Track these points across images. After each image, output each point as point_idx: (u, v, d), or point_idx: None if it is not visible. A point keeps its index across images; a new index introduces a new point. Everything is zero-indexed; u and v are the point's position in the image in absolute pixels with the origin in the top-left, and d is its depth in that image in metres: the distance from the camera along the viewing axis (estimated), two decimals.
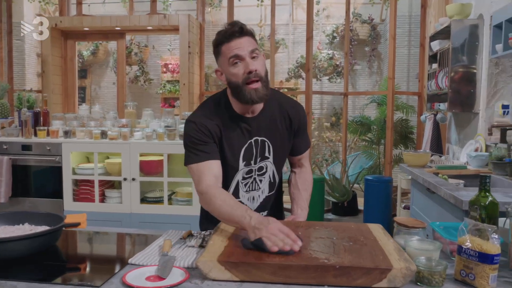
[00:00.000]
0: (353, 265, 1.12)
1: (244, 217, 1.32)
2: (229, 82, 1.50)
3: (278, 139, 1.63)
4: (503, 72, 3.54)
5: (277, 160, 1.66)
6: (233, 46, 1.44)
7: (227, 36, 1.46)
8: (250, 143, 1.59)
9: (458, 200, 2.24)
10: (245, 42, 1.45)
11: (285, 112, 1.64)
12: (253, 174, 1.64)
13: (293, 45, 7.22)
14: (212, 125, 1.53)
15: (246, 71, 1.44)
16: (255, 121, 1.58)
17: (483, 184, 1.24)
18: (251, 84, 1.45)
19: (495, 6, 3.44)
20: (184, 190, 3.57)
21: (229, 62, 1.46)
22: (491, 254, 1.11)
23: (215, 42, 1.50)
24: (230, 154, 1.57)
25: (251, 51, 1.45)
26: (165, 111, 3.75)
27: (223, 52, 1.48)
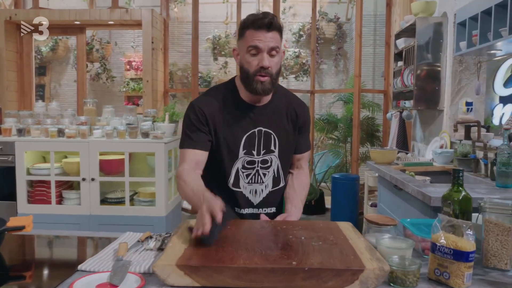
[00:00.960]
0: (323, 267, 1.04)
1: (200, 200, 1.32)
2: (241, 66, 1.53)
3: (283, 133, 1.63)
4: (467, 70, 3.58)
5: (283, 155, 1.65)
6: (256, 36, 1.45)
7: (256, 25, 1.46)
8: (253, 132, 1.58)
9: (426, 196, 2.22)
10: (270, 37, 1.46)
11: (292, 107, 1.66)
12: (256, 165, 1.61)
13: None
14: (211, 110, 1.55)
15: (260, 64, 1.47)
16: (261, 111, 1.59)
17: (456, 178, 1.19)
18: (259, 77, 1.48)
19: (459, 4, 3.47)
20: (147, 190, 3.43)
21: (248, 49, 1.48)
22: (467, 252, 1.05)
23: (243, 23, 1.50)
24: (230, 140, 1.57)
25: (271, 48, 1.47)
26: (127, 108, 3.60)
27: (246, 37, 1.48)
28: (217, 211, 1.19)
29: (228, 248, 1.18)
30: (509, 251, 1.20)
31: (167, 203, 3.30)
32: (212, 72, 6.95)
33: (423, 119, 4.21)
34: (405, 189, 2.58)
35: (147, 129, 3.27)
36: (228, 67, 6.94)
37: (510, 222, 1.19)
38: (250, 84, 1.50)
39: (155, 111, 3.63)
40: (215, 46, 6.67)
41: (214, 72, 6.95)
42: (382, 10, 6.26)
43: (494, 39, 2.74)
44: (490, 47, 2.91)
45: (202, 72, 6.67)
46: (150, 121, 3.43)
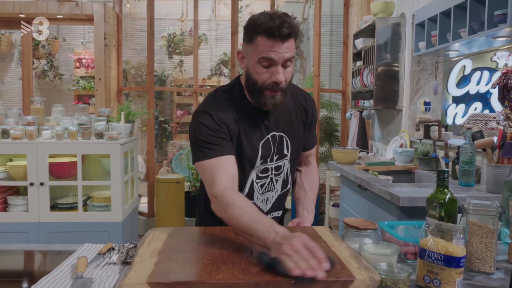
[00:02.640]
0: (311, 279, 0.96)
1: (269, 233, 1.07)
2: (248, 75, 1.34)
3: (295, 134, 1.50)
4: (425, 70, 3.65)
5: (294, 157, 1.53)
6: (271, 46, 1.25)
7: (270, 33, 1.24)
8: (267, 138, 1.43)
9: (394, 196, 2.20)
10: (286, 47, 1.26)
11: (300, 104, 1.52)
12: (270, 173, 1.48)
13: (216, 41, 7.03)
14: (229, 118, 1.35)
15: (272, 79, 1.28)
16: (273, 115, 1.42)
17: (441, 179, 1.15)
18: (269, 92, 1.31)
19: (417, 5, 3.52)
20: (101, 194, 3.23)
21: (259, 60, 1.27)
22: (458, 257, 1.01)
23: (253, 27, 1.27)
24: (248, 150, 1.40)
25: (286, 59, 1.28)
26: (78, 107, 3.37)
27: (257, 44, 1.27)
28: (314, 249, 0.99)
29: (204, 260, 1.08)
30: (493, 253, 1.17)
31: (123, 208, 3.12)
32: (167, 70, 6.75)
33: (381, 118, 4.26)
34: (370, 189, 2.56)
35: (101, 130, 3.08)
36: (184, 65, 6.77)
37: (493, 224, 1.17)
38: (258, 97, 1.33)
39: (109, 110, 3.43)
40: (170, 44, 6.48)
41: (169, 71, 6.76)
42: (338, 10, 6.32)
43: (453, 40, 2.78)
44: (448, 47, 2.95)
45: (156, 71, 6.46)
46: (104, 121, 3.23)
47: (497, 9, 2.32)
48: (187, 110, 6.86)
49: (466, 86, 4.18)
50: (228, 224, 1.25)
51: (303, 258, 0.97)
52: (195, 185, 4.69)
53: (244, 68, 1.37)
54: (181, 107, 6.88)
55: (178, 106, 6.88)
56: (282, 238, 1.04)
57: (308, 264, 0.95)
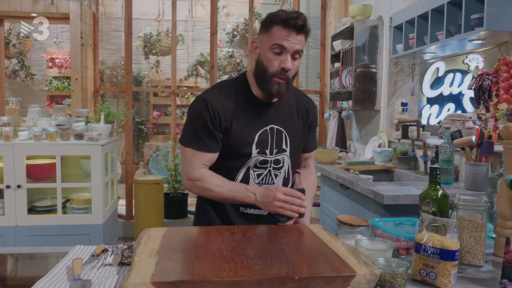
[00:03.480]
0: (313, 275, 0.98)
1: (249, 196, 1.41)
2: (259, 62, 1.45)
3: (294, 131, 1.57)
4: (402, 72, 3.73)
5: (293, 154, 1.59)
6: (285, 35, 1.37)
7: (287, 23, 1.37)
8: (265, 130, 1.50)
9: (378, 195, 2.25)
10: (298, 39, 1.39)
11: (302, 104, 1.61)
12: (269, 166, 1.53)
13: (193, 42, 6.99)
14: (224, 107, 1.46)
15: (281, 66, 1.40)
16: (273, 108, 1.52)
17: (434, 176, 1.18)
18: (277, 78, 1.42)
19: (394, 8, 3.60)
20: (81, 196, 3.17)
21: (272, 46, 1.39)
22: (452, 250, 1.04)
23: (272, 17, 1.40)
24: (242, 138, 1.48)
25: (296, 51, 1.40)
26: (55, 108, 3.30)
27: (273, 32, 1.39)
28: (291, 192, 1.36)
29: (204, 259, 1.08)
30: (482, 247, 1.21)
31: (104, 210, 3.07)
32: (143, 71, 6.67)
33: (359, 119, 4.33)
34: (353, 188, 2.61)
35: (81, 131, 3.02)
36: (160, 66, 6.70)
37: (482, 219, 1.21)
38: (266, 84, 1.43)
39: (87, 111, 3.37)
40: (146, 44, 6.41)
41: (145, 71, 6.68)
42: (314, 12, 6.40)
43: (431, 42, 2.86)
44: (424, 50, 3.04)
45: (133, 71, 6.36)
46: (83, 121, 3.18)
47: (473, 13, 2.40)
48: (164, 111, 6.79)
49: (439, 87, 4.31)
50: (210, 198, 1.50)
51: (291, 202, 1.35)
52: (174, 186, 4.65)
53: (255, 58, 1.47)
54: (158, 108, 6.81)
55: (155, 107, 6.80)
56: (263, 196, 1.38)
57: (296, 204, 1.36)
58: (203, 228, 1.40)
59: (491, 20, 2.28)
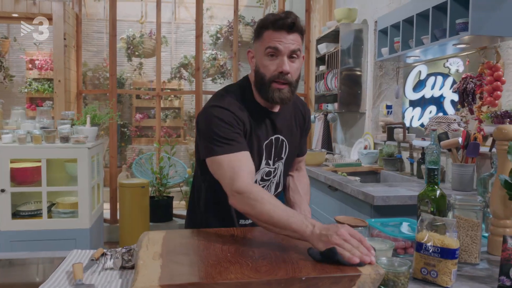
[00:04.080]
0: (321, 275, 0.99)
1: (306, 225, 1.12)
2: (257, 71, 1.37)
3: (293, 139, 1.53)
4: (386, 75, 3.80)
5: (288, 161, 1.55)
6: (276, 36, 1.30)
7: (276, 25, 1.30)
8: (271, 140, 1.45)
9: (368, 196, 2.28)
10: (291, 39, 1.31)
11: (299, 110, 1.57)
12: (271, 177, 1.49)
13: (176, 44, 6.96)
14: (244, 116, 1.36)
15: (279, 69, 1.32)
16: (276, 117, 1.45)
17: (432, 177, 1.21)
18: (277, 84, 1.33)
19: (379, 12, 3.66)
20: (66, 200, 3.12)
21: (266, 51, 1.32)
22: (453, 249, 1.07)
23: (261, 23, 1.35)
24: (255, 149, 1.40)
25: (292, 51, 1.32)
26: (40, 110, 3.24)
27: (264, 37, 1.33)
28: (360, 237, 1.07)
29: (209, 261, 1.08)
30: (478, 245, 1.25)
31: (91, 214, 3.03)
32: (126, 73, 6.60)
33: (344, 121, 4.38)
34: (343, 189, 2.64)
35: (66, 133, 2.97)
36: (144, 68, 6.65)
37: (478, 218, 1.24)
38: (266, 92, 1.35)
39: (73, 113, 3.32)
40: (129, 46, 6.35)
41: (128, 73, 6.61)
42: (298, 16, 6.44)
43: (416, 46, 2.91)
44: (409, 54, 3.09)
45: None
46: (68, 124, 3.13)
47: (458, 18, 2.46)
48: (147, 113, 6.73)
49: (421, 90, 4.39)
50: (254, 219, 1.25)
51: (354, 246, 1.03)
52: (159, 189, 4.62)
53: (253, 67, 1.41)
54: (140, 111, 6.75)
55: (137, 110, 6.74)
56: (323, 229, 1.08)
57: (360, 251, 1.03)
58: (203, 230, 1.39)
59: (476, 24, 2.34)
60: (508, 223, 1.33)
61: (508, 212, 1.32)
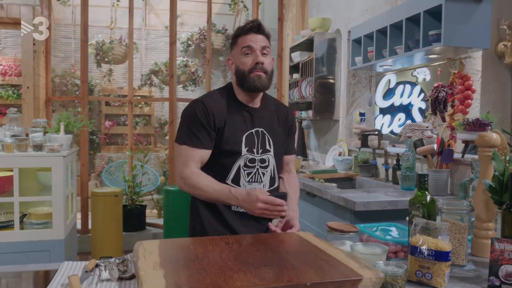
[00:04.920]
0: (324, 280, 1.01)
1: (231, 199, 1.54)
2: (237, 70, 1.65)
3: (276, 134, 1.72)
4: (359, 83, 3.90)
5: (277, 155, 1.72)
6: (248, 38, 1.60)
7: (245, 30, 1.62)
8: (251, 132, 1.66)
9: (349, 201, 2.33)
10: (260, 38, 1.61)
11: (281, 110, 1.79)
12: (256, 164, 1.66)
13: (146, 51, 6.88)
14: (217, 109, 1.62)
15: (254, 61, 1.60)
16: (256, 112, 1.69)
17: (422, 183, 1.26)
18: (255, 72, 1.60)
19: (353, 22, 3.76)
20: (39, 210, 3.02)
21: (241, 51, 1.61)
22: (446, 251, 1.12)
23: (234, 34, 1.66)
24: (232, 138, 1.62)
25: (262, 47, 1.61)
26: (10, 117, 3.12)
27: (238, 42, 1.63)
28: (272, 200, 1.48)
29: (212, 270, 1.08)
30: (465, 248, 1.31)
31: (65, 224, 2.94)
32: (95, 79, 6.47)
33: (318, 128, 4.46)
34: (322, 195, 2.68)
35: (40, 142, 2.89)
36: (113, 75, 6.54)
37: (464, 221, 1.30)
38: (247, 82, 1.61)
39: (45, 121, 3.23)
40: (98, 52, 6.23)
41: (97, 80, 6.48)
42: (268, 24, 6.50)
43: (390, 56, 3.01)
44: (382, 63, 3.19)
45: None
46: (41, 132, 3.04)
47: (430, 30, 2.57)
48: (116, 120, 6.61)
49: (391, 98, 4.54)
50: (198, 197, 1.63)
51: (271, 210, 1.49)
52: (131, 198, 4.54)
53: (233, 71, 1.68)
54: (110, 118, 6.62)
55: (107, 117, 6.61)
56: (245, 202, 1.51)
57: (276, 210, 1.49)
58: (197, 239, 1.40)
59: (448, 36, 2.45)
60: (491, 226, 1.40)
61: (491, 215, 1.39)
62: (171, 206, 4.26)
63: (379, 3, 3.49)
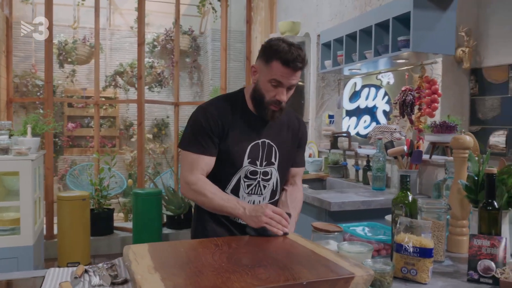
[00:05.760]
0: (319, 279, 1.04)
1: (238, 208, 1.47)
2: (257, 89, 1.56)
3: (284, 146, 1.66)
4: (328, 86, 3.99)
5: (282, 168, 1.67)
6: (283, 72, 1.48)
7: (287, 63, 1.47)
8: (257, 143, 1.61)
9: (324, 202, 2.39)
10: (294, 76, 1.50)
11: (293, 121, 1.72)
12: (258, 177, 1.62)
13: (111, 51, 6.75)
14: (222, 117, 1.57)
15: (277, 97, 1.52)
16: (266, 123, 1.62)
17: (405, 183, 1.32)
18: (272, 107, 1.54)
19: (321, 26, 3.85)
20: (5, 216, 2.91)
21: (271, 80, 1.50)
22: (430, 248, 1.18)
23: (274, 51, 1.48)
24: (236, 148, 1.58)
25: (291, 85, 1.53)
26: None
27: (272, 66, 1.49)
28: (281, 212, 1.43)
29: (207, 272, 1.09)
30: (443, 244, 1.38)
31: (34, 230, 2.85)
32: (57, 80, 6.28)
33: None
34: None
35: (6, 145, 2.79)
36: (76, 75, 6.37)
37: (442, 219, 1.38)
38: (262, 109, 1.56)
39: (10, 123, 3.11)
40: (61, 52, 6.06)
41: (59, 80, 6.29)
42: (235, 26, 6.54)
43: (359, 60, 3.11)
44: (351, 66, 3.28)
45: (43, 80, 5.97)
46: (6, 135, 2.93)
47: (399, 36, 2.68)
48: (80, 122, 6.45)
49: (357, 101, 4.66)
50: (201, 205, 1.59)
51: (277, 221, 1.41)
52: (99, 201, 4.44)
53: (254, 81, 1.59)
54: (73, 119, 6.45)
55: (69, 118, 6.43)
56: (252, 211, 1.44)
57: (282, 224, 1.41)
58: (186, 242, 1.40)
59: (416, 42, 2.56)
60: (465, 223, 1.49)
61: (465, 213, 1.48)
62: (141, 209, 4.21)
63: (348, 9, 3.59)
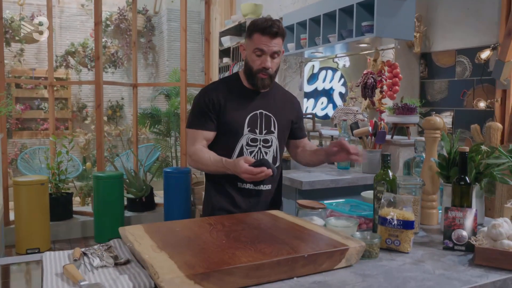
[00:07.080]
0: (319, 251, 1.13)
1: (226, 168, 1.66)
2: (246, 62, 1.77)
3: (282, 117, 1.84)
4: (290, 68, 4.07)
5: (281, 137, 1.84)
6: (263, 40, 1.67)
7: (264, 31, 1.67)
8: (255, 113, 1.79)
9: (295, 181, 2.49)
10: (274, 42, 1.69)
11: (287, 97, 1.93)
12: (258, 143, 1.79)
13: (60, 30, 6.46)
14: (216, 96, 1.76)
15: (262, 65, 1.70)
16: (262, 96, 1.81)
17: (386, 162, 1.42)
18: (261, 75, 1.72)
19: (284, 9, 3.90)
20: None
21: (254, 50, 1.70)
22: (411, 221, 1.30)
23: (252, 26, 1.71)
24: (235, 120, 1.76)
25: (274, 52, 1.70)
26: None
27: (254, 39, 1.70)
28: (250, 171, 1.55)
29: (212, 249, 1.15)
30: (418, 217, 1.51)
31: None
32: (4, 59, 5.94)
33: None
34: None
35: None
36: (24, 54, 6.06)
37: (417, 194, 1.50)
38: (252, 79, 1.76)
39: None
40: (7, 30, 5.72)
41: (6, 60, 5.95)
42: (191, 6, 6.44)
43: (323, 43, 3.20)
44: (313, 50, 3.37)
45: None
46: None
47: (363, 21, 2.78)
48: (29, 104, 6.17)
49: (315, 83, 4.80)
50: (201, 170, 1.80)
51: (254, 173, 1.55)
52: (57, 185, 4.32)
53: (244, 58, 1.80)
54: (22, 101, 6.15)
55: (18, 100, 6.13)
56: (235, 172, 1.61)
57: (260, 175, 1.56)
58: (179, 222, 1.45)
59: (380, 27, 2.67)
60: (435, 197, 1.63)
61: (435, 188, 1.61)
62: (102, 193, 4.15)
63: None
